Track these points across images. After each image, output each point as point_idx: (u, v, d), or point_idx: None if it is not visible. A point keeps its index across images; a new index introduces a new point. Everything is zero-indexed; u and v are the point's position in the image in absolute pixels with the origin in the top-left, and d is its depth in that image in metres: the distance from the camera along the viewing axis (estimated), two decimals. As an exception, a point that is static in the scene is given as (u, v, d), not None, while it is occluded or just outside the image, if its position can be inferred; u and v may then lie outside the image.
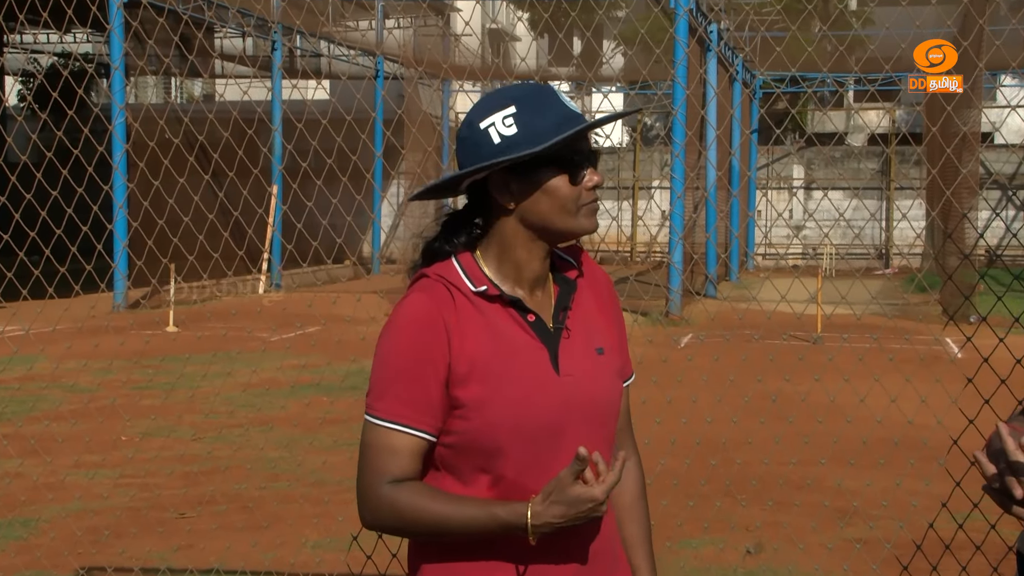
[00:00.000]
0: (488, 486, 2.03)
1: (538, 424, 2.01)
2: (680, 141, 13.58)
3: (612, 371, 2.16)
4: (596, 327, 2.16)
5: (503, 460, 2.00)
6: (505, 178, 2.04)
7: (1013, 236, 22.33)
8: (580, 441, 2.01)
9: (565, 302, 2.13)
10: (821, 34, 25.70)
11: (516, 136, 2.01)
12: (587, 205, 2.08)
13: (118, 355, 10.59)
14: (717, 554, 6.06)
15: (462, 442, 2.02)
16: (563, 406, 2.04)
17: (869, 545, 6.01)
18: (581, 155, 2.06)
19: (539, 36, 36.40)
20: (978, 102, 16.17)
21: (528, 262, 2.09)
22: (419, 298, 2.04)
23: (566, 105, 2.05)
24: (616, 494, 2.19)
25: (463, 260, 2.09)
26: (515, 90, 2.06)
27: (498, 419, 1.99)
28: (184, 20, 6.78)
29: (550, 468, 2.00)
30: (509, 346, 2.04)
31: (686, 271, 18.41)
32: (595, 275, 2.23)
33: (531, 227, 2.07)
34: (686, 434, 7.47)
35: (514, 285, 2.09)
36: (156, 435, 8.65)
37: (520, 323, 2.07)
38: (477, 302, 2.05)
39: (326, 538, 6.19)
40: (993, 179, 27.82)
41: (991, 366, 4.06)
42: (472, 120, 2.06)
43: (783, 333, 13.18)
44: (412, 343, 2.01)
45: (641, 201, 30.83)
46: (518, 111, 2.02)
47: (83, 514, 6.69)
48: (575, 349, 2.09)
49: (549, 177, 2.04)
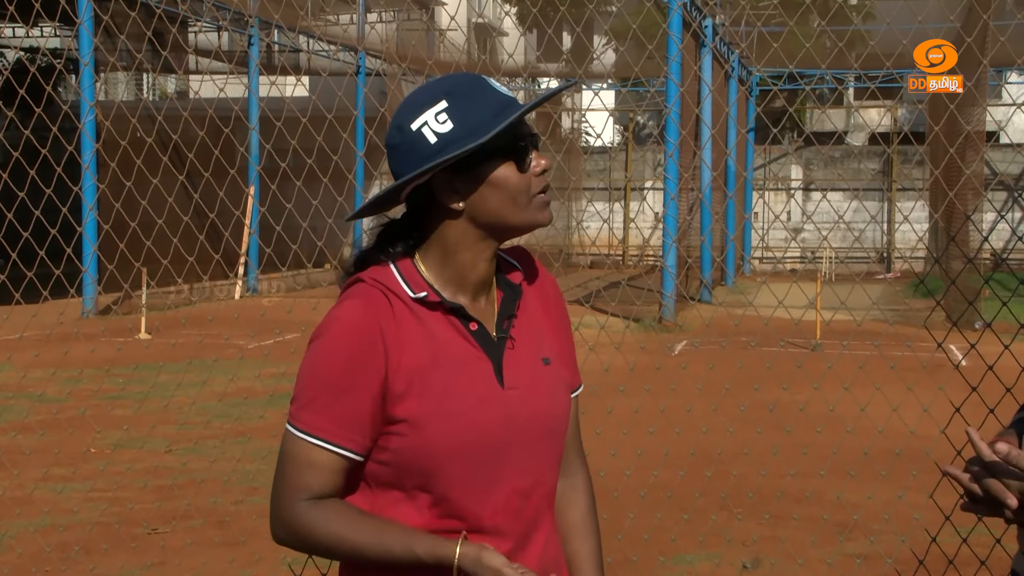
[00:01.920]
0: (429, 505, 1.93)
1: (481, 441, 1.90)
2: (674, 140, 13.48)
3: (559, 382, 2.08)
4: (543, 335, 2.08)
5: (444, 480, 1.91)
6: (449, 178, 1.94)
7: (1019, 239, 22.23)
8: (526, 457, 1.94)
9: (510, 309, 2.01)
10: (820, 29, 25.64)
11: (453, 132, 1.90)
12: (539, 195, 1.96)
13: (88, 363, 10.42)
14: (713, 570, 5.96)
15: (400, 460, 1.91)
16: (508, 421, 1.94)
17: (870, 560, 5.93)
18: (524, 140, 1.94)
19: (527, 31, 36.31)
20: (983, 100, 16.05)
21: (474, 265, 1.97)
22: (354, 305, 1.93)
23: (499, 91, 1.94)
24: (562, 511, 2.14)
25: (401, 266, 1.98)
26: (442, 84, 1.96)
27: (438, 437, 1.89)
28: (157, 14, 6.61)
29: (494, 486, 1.90)
30: (450, 358, 1.93)
31: (680, 275, 18.29)
32: (541, 279, 2.13)
33: (482, 226, 1.95)
34: (680, 445, 7.39)
35: (456, 291, 1.97)
36: (128, 447, 8.49)
37: (462, 332, 1.95)
38: (416, 309, 1.93)
39: (304, 555, 6.00)
40: (998, 179, 27.73)
41: (996, 374, 4.05)
42: (401, 123, 1.95)
43: (781, 340, 13.09)
44: (344, 353, 1.89)
45: (633, 203, 30.70)
46: (450, 105, 1.92)
47: (51, 530, 6.53)
48: (520, 360, 2.00)
49: (496, 168, 1.93)
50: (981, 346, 4.32)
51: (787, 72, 25.24)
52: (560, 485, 2.15)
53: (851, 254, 28.02)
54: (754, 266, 29.45)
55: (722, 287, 23.29)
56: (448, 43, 26.74)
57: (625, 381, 7.29)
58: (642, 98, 29.51)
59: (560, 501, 2.15)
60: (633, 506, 6.55)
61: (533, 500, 1.99)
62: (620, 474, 7.04)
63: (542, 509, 2.01)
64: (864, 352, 11.89)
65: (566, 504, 2.16)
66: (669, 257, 16.38)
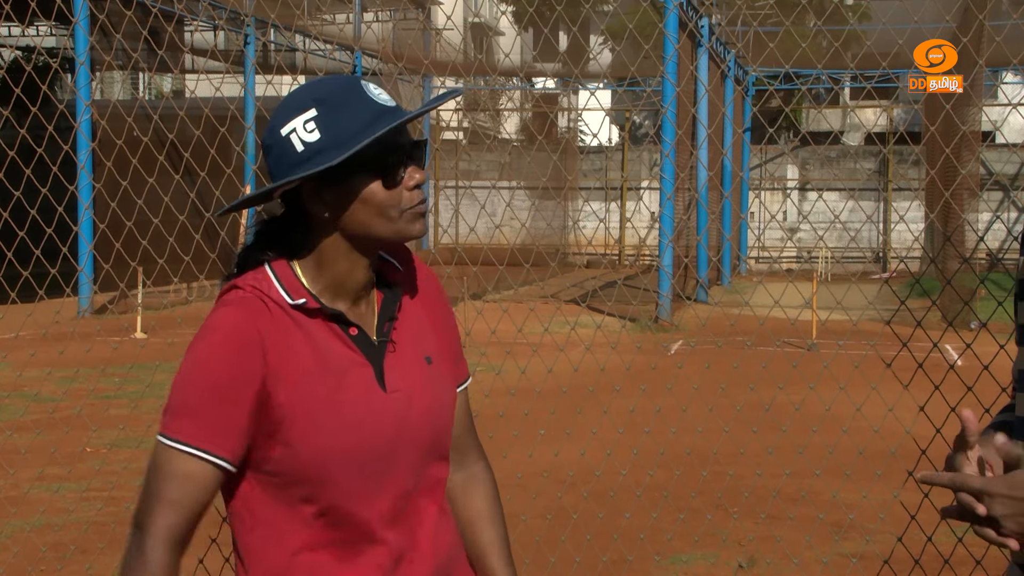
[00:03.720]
0: (312, 517, 1.88)
1: (367, 447, 1.87)
2: (670, 140, 13.43)
3: (443, 379, 2.03)
4: (424, 334, 2.02)
5: (330, 489, 1.87)
6: (316, 188, 1.88)
7: (1015, 239, 22.21)
8: (413, 460, 1.91)
9: (390, 311, 1.97)
10: (816, 29, 25.57)
11: (320, 142, 1.84)
12: (411, 209, 1.89)
13: (84, 363, 10.28)
14: (708, 569, 5.95)
15: (283, 471, 1.86)
16: (393, 425, 1.92)
17: (866, 560, 5.91)
18: (397, 154, 1.87)
19: (523, 30, 36.33)
20: (978, 100, 16.05)
21: (350, 273, 1.93)
22: (230, 313, 1.87)
23: (374, 99, 1.86)
24: (462, 508, 2.12)
25: (278, 269, 1.92)
26: (316, 88, 1.89)
27: (323, 446, 1.85)
28: (153, 13, 6.57)
29: (382, 491, 1.87)
30: (332, 365, 1.89)
31: (676, 275, 18.27)
32: (422, 276, 2.08)
33: (351, 238, 1.89)
34: (676, 445, 7.35)
35: (334, 297, 1.92)
36: (124, 446, 8.44)
37: (342, 338, 1.91)
38: (296, 316, 1.88)
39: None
40: (994, 179, 27.71)
41: (992, 374, 4.05)
42: (275, 125, 1.88)
43: (777, 340, 13.07)
44: (220, 361, 1.84)
45: (629, 202, 30.67)
46: (319, 113, 1.85)
47: (47, 529, 6.52)
48: (402, 362, 1.97)
49: (363, 183, 1.86)
50: (977, 346, 4.32)
51: (783, 72, 25.26)
52: (458, 476, 2.13)
53: (847, 254, 27.99)
54: (750, 266, 29.43)
55: (718, 287, 23.30)
56: (444, 42, 26.74)
57: (621, 381, 7.27)
58: (638, 98, 29.49)
59: (461, 492, 2.13)
60: (629, 505, 6.53)
61: (417, 498, 1.96)
62: (616, 473, 7.03)
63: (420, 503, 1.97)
64: (860, 352, 11.87)
65: (468, 494, 2.13)
66: (665, 257, 16.35)
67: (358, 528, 1.89)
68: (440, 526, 2.01)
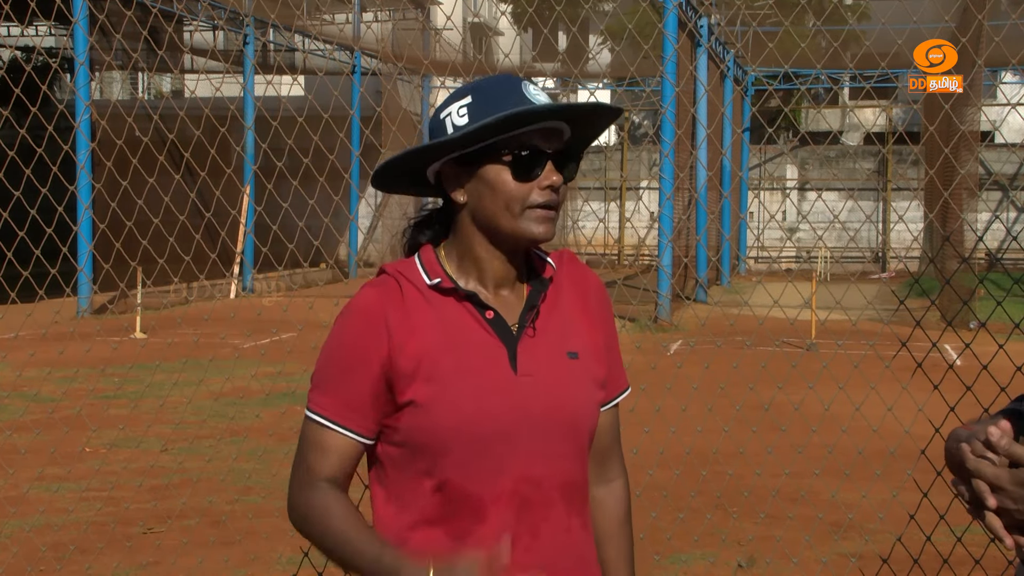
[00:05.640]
0: (431, 491, 1.94)
1: (487, 424, 1.90)
2: (669, 140, 13.46)
3: (586, 378, 2.02)
4: (573, 330, 2.03)
5: (448, 461, 1.92)
6: (455, 170, 1.98)
7: (1014, 239, 22.22)
8: (538, 447, 1.93)
9: (534, 301, 2.00)
10: (815, 29, 25.60)
11: (466, 126, 1.91)
12: (537, 207, 1.94)
13: (83, 363, 10.35)
14: (708, 569, 5.94)
15: (408, 440, 1.95)
16: (518, 408, 1.94)
17: (865, 559, 5.91)
18: (534, 150, 1.93)
19: (523, 30, 36.35)
20: (977, 100, 16.03)
21: (488, 262, 1.99)
22: (366, 293, 2.00)
23: (527, 96, 1.91)
24: (599, 517, 2.14)
25: (424, 255, 2.03)
26: (481, 81, 2.00)
27: (444, 417, 1.91)
28: (153, 13, 6.60)
29: (500, 473, 1.89)
30: (461, 341, 1.95)
31: (676, 275, 18.27)
32: (582, 277, 2.10)
33: (483, 229, 1.97)
34: (675, 444, 7.30)
35: (475, 283, 1.99)
36: (123, 446, 8.46)
37: (477, 319, 1.96)
38: (430, 296, 1.96)
39: (300, 553, 6.00)
40: (993, 179, 27.73)
41: (991, 373, 4.03)
42: (439, 110, 2.00)
43: (776, 339, 13.07)
44: (349, 339, 1.97)
45: (629, 202, 30.69)
46: (473, 100, 1.94)
47: (46, 529, 6.51)
48: (539, 349, 1.99)
49: (496, 172, 1.93)
50: (976, 346, 4.31)
51: (782, 72, 25.25)
52: (599, 491, 2.15)
53: (846, 254, 28.01)
54: (749, 266, 29.45)
55: (717, 287, 23.30)
56: (444, 42, 26.72)
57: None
58: (638, 98, 29.43)
59: (597, 506, 2.14)
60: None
61: (545, 490, 1.96)
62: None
63: (556, 501, 1.97)
64: (859, 352, 11.88)
65: (602, 511, 2.15)
66: (665, 257, 16.36)
67: (472, 506, 1.91)
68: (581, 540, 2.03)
